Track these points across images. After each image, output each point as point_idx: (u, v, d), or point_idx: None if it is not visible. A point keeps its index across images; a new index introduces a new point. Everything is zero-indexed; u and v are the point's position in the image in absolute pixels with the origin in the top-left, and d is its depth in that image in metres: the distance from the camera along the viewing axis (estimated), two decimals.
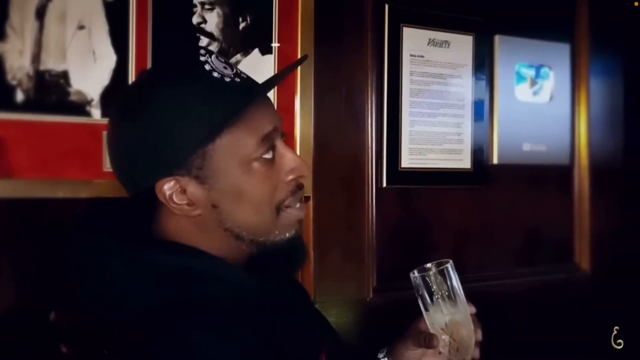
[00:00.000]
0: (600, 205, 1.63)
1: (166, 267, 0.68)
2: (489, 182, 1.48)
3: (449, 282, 0.75)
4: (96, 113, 1.02)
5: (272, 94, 1.13)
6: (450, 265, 0.75)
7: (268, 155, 0.70)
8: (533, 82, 1.55)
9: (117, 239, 0.69)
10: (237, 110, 0.68)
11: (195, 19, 1.11)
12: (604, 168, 1.65)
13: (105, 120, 1.01)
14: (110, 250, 0.69)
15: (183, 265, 0.69)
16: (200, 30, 1.11)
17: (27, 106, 0.97)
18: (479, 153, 1.45)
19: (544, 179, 1.58)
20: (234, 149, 0.69)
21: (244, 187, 0.69)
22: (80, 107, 1.01)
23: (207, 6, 1.12)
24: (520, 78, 1.53)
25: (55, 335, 0.82)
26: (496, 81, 1.48)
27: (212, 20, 1.12)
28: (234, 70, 0.71)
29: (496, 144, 1.48)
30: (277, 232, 0.72)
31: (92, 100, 1.02)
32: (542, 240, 1.57)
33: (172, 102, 0.67)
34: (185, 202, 0.69)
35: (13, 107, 0.96)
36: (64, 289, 0.71)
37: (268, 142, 0.70)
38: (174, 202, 0.69)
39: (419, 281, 0.75)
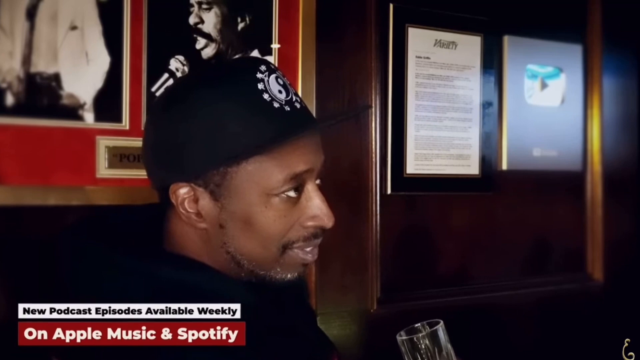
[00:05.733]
0: (614, 212, 1.61)
1: (163, 280, 0.66)
2: (498, 188, 1.46)
3: (441, 344, 0.71)
4: (89, 117, 1.01)
5: None
6: (441, 327, 0.71)
7: (292, 194, 0.67)
8: (544, 85, 1.52)
9: (111, 247, 0.67)
10: (271, 144, 0.65)
11: (192, 19, 1.09)
12: (618, 174, 1.63)
13: (98, 125, 1.01)
14: (103, 259, 0.67)
15: (181, 278, 0.66)
16: (197, 31, 1.10)
17: (18, 110, 0.96)
18: (488, 158, 1.43)
19: (555, 186, 1.56)
20: (257, 178, 0.66)
21: (256, 218, 0.67)
22: (72, 111, 0.99)
23: (204, 6, 1.10)
24: (530, 80, 1.51)
25: (46, 348, 0.79)
26: (505, 83, 1.46)
27: (210, 21, 1.11)
28: (289, 97, 0.67)
29: (505, 149, 1.46)
30: (278, 269, 0.69)
31: (84, 103, 1.00)
32: (553, 249, 1.55)
33: (210, 111, 0.65)
34: (194, 211, 0.67)
35: (3, 110, 0.95)
36: (54, 300, 0.68)
37: (296, 181, 0.67)
38: (184, 209, 0.67)
39: (408, 345, 0.71)
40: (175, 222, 0.70)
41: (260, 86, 0.65)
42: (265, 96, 0.65)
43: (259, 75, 0.66)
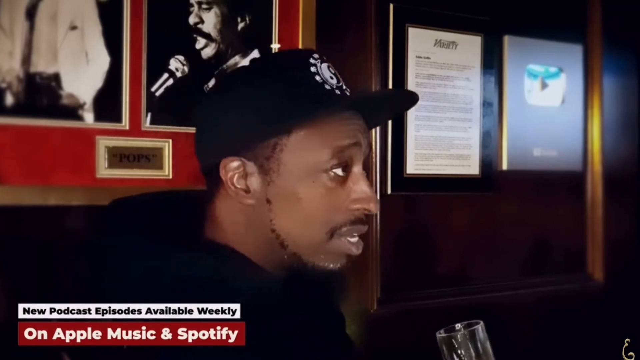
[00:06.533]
0: (614, 212, 1.61)
1: (196, 271, 0.65)
2: (498, 188, 1.45)
3: (479, 345, 0.72)
4: (89, 117, 1.01)
5: None
6: (481, 327, 0.72)
7: (339, 172, 0.68)
8: (544, 85, 1.52)
9: (145, 233, 0.67)
10: (320, 112, 0.66)
11: (192, 19, 1.09)
12: (618, 174, 1.63)
13: (98, 125, 1.01)
14: (138, 245, 0.66)
15: (214, 270, 0.66)
16: (197, 31, 1.09)
17: (17, 110, 0.96)
18: (488, 158, 1.43)
19: (555, 186, 1.56)
20: (306, 151, 0.67)
21: (303, 194, 0.67)
22: (72, 111, 0.99)
23: (204, 6, 1.10)
24: (531, 80, 1.50)
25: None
26: (505, 83, 1.46)
27: (210, 21, 1.10)
28: (340, 83, 0.69)
29: (505, 149, 1.46)
30: (322, 256, 0.68)
31: (84, 103, 1.00)
32: (553, 249, 1.55)
33: (262, 85, 0.67)
34: (242, 187, 0.68)
35: (2, 110, 0.95)
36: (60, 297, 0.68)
37: (342, 157, 0.67)
38: (233, 184, 0.68)
39: (446, 342, 0.72)
40: (221, 201, 0.69)
41: (312, 69, 0.67)
42: (317, 78, 0.67)
43: (312, 61, 0.68)
